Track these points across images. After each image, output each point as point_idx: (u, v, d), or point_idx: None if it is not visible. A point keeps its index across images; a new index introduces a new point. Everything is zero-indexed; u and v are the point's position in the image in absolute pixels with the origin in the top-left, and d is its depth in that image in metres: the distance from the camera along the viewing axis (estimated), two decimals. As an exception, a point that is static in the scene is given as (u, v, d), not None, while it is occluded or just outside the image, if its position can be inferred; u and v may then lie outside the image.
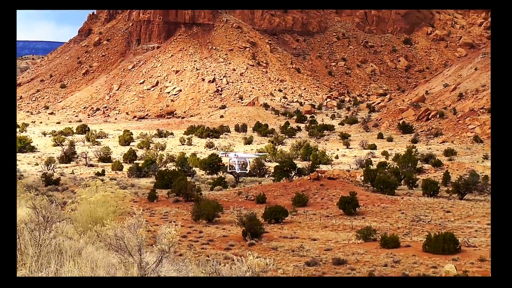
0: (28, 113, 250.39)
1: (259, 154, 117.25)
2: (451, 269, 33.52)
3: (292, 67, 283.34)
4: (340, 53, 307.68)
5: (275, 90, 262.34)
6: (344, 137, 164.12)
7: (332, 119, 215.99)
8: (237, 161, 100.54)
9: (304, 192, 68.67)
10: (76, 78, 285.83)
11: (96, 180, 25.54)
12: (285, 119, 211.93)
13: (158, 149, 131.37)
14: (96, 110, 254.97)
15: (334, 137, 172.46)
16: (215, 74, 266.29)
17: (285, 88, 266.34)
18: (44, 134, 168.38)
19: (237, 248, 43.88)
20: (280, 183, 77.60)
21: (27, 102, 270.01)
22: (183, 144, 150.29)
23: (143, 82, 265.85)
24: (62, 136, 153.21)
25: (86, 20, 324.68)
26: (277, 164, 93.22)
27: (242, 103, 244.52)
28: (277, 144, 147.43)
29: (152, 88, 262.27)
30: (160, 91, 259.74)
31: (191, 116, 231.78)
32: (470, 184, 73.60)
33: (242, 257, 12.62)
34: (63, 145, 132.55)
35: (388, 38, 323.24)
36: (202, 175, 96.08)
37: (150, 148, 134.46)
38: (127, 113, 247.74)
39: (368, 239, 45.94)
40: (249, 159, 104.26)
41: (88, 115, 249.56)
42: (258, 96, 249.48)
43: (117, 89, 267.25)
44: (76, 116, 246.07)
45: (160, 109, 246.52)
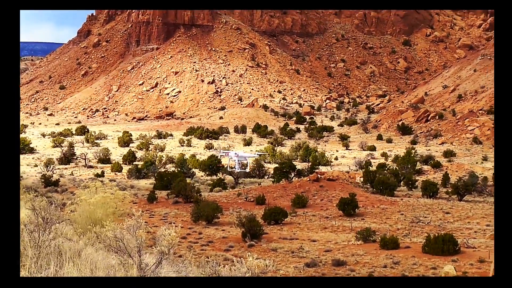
0: (27, 114, 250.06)
1: (259, 154, 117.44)
2: (451, 270, 33.49)
3: (292, 69, 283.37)
4: (340, 55, 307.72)
5: (275, 92, 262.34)
6: (344, 139, 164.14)
7: (332, 121, 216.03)
8: (237, 160, 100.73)
9: (304, 194, 68.65)
10: (75, 79, 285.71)
11: (96, 182, 25.53)
12: (285, 121, 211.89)
13: (158, 150, 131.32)
14: (96, 111, 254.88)
15: (334, 139, 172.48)
16: (215, 76, 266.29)
17: (285, 90, 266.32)
18: (43, 135, 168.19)
19: (237, 249, 43.87)
20: (280, 185, 77.60)
21: (26, 103, 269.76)
22: (183, 145, 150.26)
23: (142, 83, 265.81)
24: (61, 138, 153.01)
25: (85, 21, 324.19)
26: (277, 166, 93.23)
27: (242, 105, 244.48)
28: (277, 146, 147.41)
29: (152, 90, 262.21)
30: (160, 93, 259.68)
31: (191, 118, 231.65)
32: (470, 185, 73.69)
33: (242, 259, 12.61)
34: (62, 147, 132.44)
35: (387, 40, 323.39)
36: (202, 177, 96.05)
37: (150, 150, 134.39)
38: (127, 114, 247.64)
39: (368, 240, 45.94)
40: (249, 159, 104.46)
41: (88, 117, 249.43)
42: (258, 98, 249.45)
43: (116, 90, 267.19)
44: (75, 117, 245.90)
45: (160, 111, 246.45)
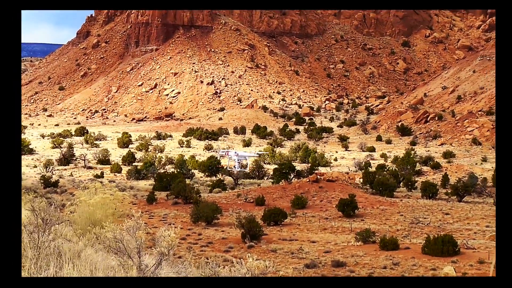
0: (27, 115, 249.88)
1: (259, 153, 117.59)
2: (450, 271, 33.46)
3: (291, 70, 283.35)
4: (339, 56, 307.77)
5: (274, 93, 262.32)
6: (343, 140, 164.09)
7: (331, 122, 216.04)
8: (237, 159, 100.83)
9: (303, 195, 68.64)
10: (75, 80, 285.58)
11: (95, 183, 25.50)
12: (284, 122, 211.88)
13: (157, 151, 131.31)
14: (95, 112, 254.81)
15: (333, 140, 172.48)
16: (214, 77, 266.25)
17: (284, 91, 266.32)
18: (43, 137, 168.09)
19: (236, 251, 43.84)
20: (279, 186, 77.59)
21: (26, 104, 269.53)
22: (182, 147, 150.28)
23: (142, 85, 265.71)
24: (61, 139, 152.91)
25: (85, 22, 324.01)
26: (276, 167, 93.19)
27: (241, 106, 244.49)
28: (276, 147, 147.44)
29: (151, 91, 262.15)
30: (159, 94, 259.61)
31: (190, 119, 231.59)
32: (469, 186, 73.75)
33: (242, 260, 12.59)
34: (62, 148, 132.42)
35: (387, 41, 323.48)
36: (201, 177, 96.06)
37: (149, 151, 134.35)
38: (126, 116, 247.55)
39: (367, 241, 45.92)
40: (249, 158, 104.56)
41: (87, 118, 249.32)
42: (257, 99, 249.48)
43: (116, 92, 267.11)
44: (75, 118, 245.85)
45: (159, 112, 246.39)
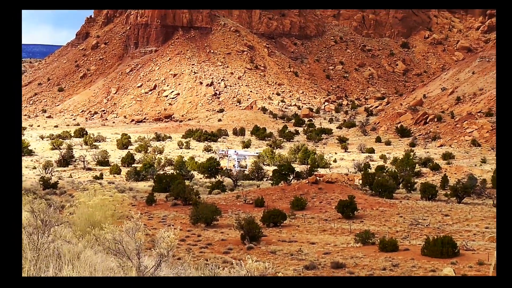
0: (26, 117, 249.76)
1: (259, 153, 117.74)
2: (450, 273, 33.46)
3: (290, 71, 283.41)
4: (338, 57, 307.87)
5: (273, 94, 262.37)
6: (342, 141, 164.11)
7: (330, 123, 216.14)
8: (237, 159, 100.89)
9: (303, 196, 68.62)
10: (74, 82, 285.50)
11: (94, 184, 25.48)
12: (283, 123, 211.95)
13: (156, 153, 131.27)
14: (94, 114, 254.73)
15: (332, 141, 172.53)
16: (213, 78, 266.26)
17: (283, 92, 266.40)
18: (42, 138, 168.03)
19: (236, 252, 43.80)
20: (279, 187, 77.56)
21: (25, 106, 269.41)
22: (181, 148, 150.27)
23: (141, 86, 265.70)
24: (60, 140, 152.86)
25: (84, 24, 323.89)
26: (276, 168, 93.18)
27: (240, 107, 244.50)
28: (275, 148, 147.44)
29: (150, 92, 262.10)
30: (158, 95, 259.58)
31: (189, 120, 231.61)
32: (468, 188, 73.74)
33: (241, 261, 12.57)
34: (61, 149, 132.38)
35: (386, 42, 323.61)
36: (201, 179, 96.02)
37: (148, 152, 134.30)
38: (125, 117, 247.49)
39: (367, 243, 45.89)
40: (248, 158, 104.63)
41: (86, 119, 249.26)
42: (256, 100, 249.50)
43: (115, 93, 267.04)
44: (74, 120, 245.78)
45: (158, 113, 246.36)
